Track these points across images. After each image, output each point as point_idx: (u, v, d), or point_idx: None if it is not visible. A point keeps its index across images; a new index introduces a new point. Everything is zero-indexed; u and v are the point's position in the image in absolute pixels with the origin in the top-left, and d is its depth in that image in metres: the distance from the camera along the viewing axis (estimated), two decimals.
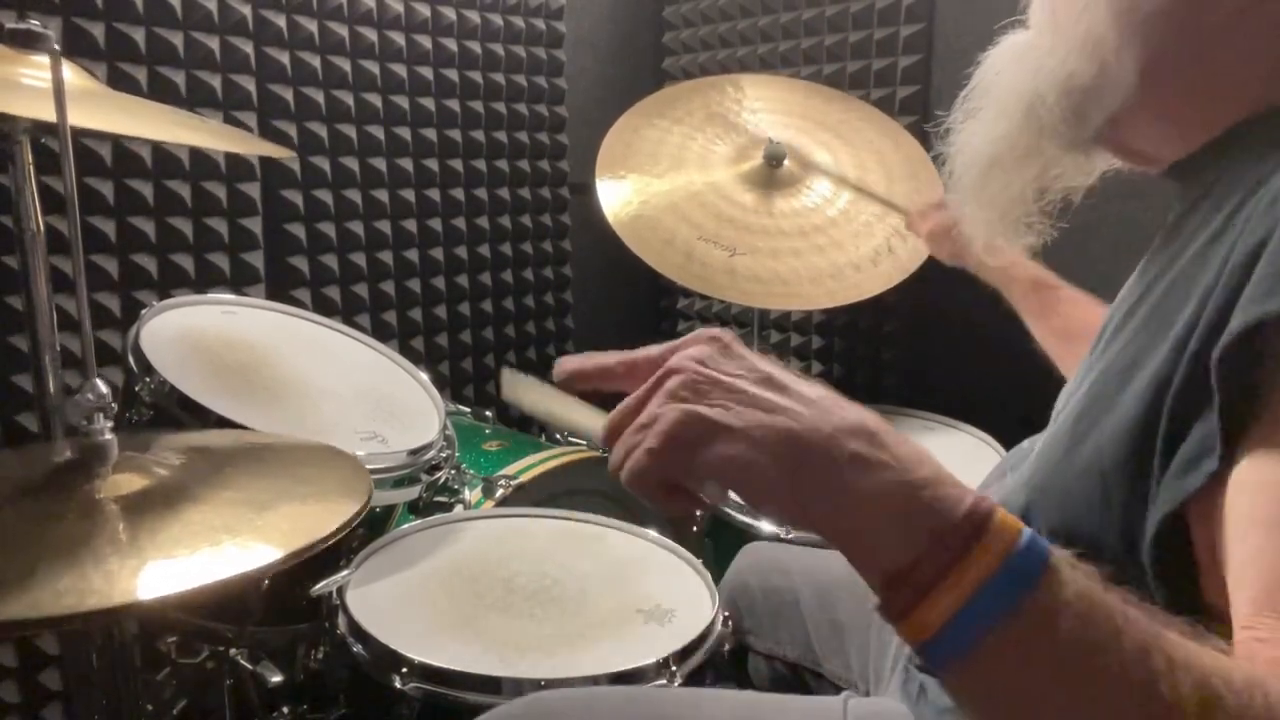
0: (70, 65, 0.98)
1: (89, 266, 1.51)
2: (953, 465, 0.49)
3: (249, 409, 1.18)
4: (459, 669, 0.95)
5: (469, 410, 1.81)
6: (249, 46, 1.66)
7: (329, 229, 1.84)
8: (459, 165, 2.04)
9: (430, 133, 1.98)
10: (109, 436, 0.88)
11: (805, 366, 2.17)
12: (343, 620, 1.06)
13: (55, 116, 0.84)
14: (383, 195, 1.92)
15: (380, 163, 1.91)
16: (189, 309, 1.38)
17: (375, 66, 1.86)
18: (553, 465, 1.47)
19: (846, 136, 1.83)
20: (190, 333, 1.31)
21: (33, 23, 1.03)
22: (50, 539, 0.78)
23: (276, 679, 1.20)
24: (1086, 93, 0.68)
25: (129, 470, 0.88)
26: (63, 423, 1.08)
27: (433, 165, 2.00)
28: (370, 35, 1.84)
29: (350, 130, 1.84)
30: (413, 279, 2.00)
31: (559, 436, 1.70)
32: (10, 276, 1.43)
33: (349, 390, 1.39)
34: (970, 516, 0.46)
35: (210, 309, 1.41)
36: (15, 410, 1.46)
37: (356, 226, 1.89)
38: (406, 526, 1.27)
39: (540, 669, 0.98)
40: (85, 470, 0.87)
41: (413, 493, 1.32)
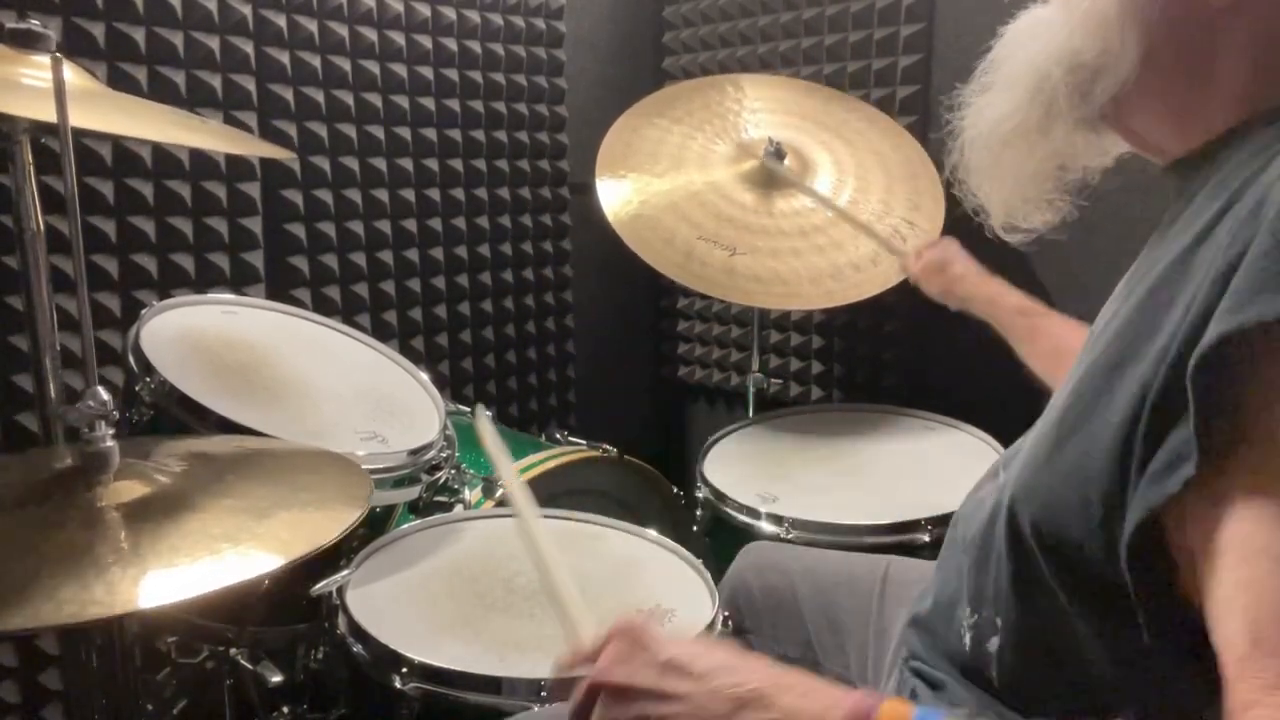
0: (70, 65, 0.98)
1: (89, 266, 1.51)
2: (953, 465, 0.50)
3: (249, 409, 1.18)
4: (459, 669, 0.95)
5: (469, 410, 1.81)
6: (249, 46, 1.66)
7: (329, 229, 1.84)
8: (459, 165, 2.04)
9: (430, 132, 1.98)
10: (110, 444, 0.88)
11: (805, 366, 2.17)
12: (343, 620, 1.06)
13: (55, 116, 0.84)
14: (383, 195, 1.92)
15: (380, 162, 1.90)
16: (189, 309, 1.38)
17: (375, 66, 1.86)
18: (553, 465, 1.47)
19: (846, 137, 1.84)
20: (190, 333, 1.31)
21: (33, 23, 1.03)
22: (52, 547, 0.78)
23: (276, 679, 1.20)
24: (1090, 70, 0.68)
25: (130, 477, 0.88)
26: (63, 427, 1.08)
27: (433, 165, 1.99)
28: (370, 35, 1.84)
29: (350, 130, 1.84)
30: (413, 279, 2.00)
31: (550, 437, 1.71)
32: (10, 276, 1.42)
33: (349, 390, 1.39)
34: None
35: (210, 309, 1.41)
36: (15, 411, 1.46)
37: (356, 226, 1.89)
38: (406, 526, 1.27)
39: (540, 669, 0.97)
40: (86, 477, 0.87)
41: (413, 493, 1.32)
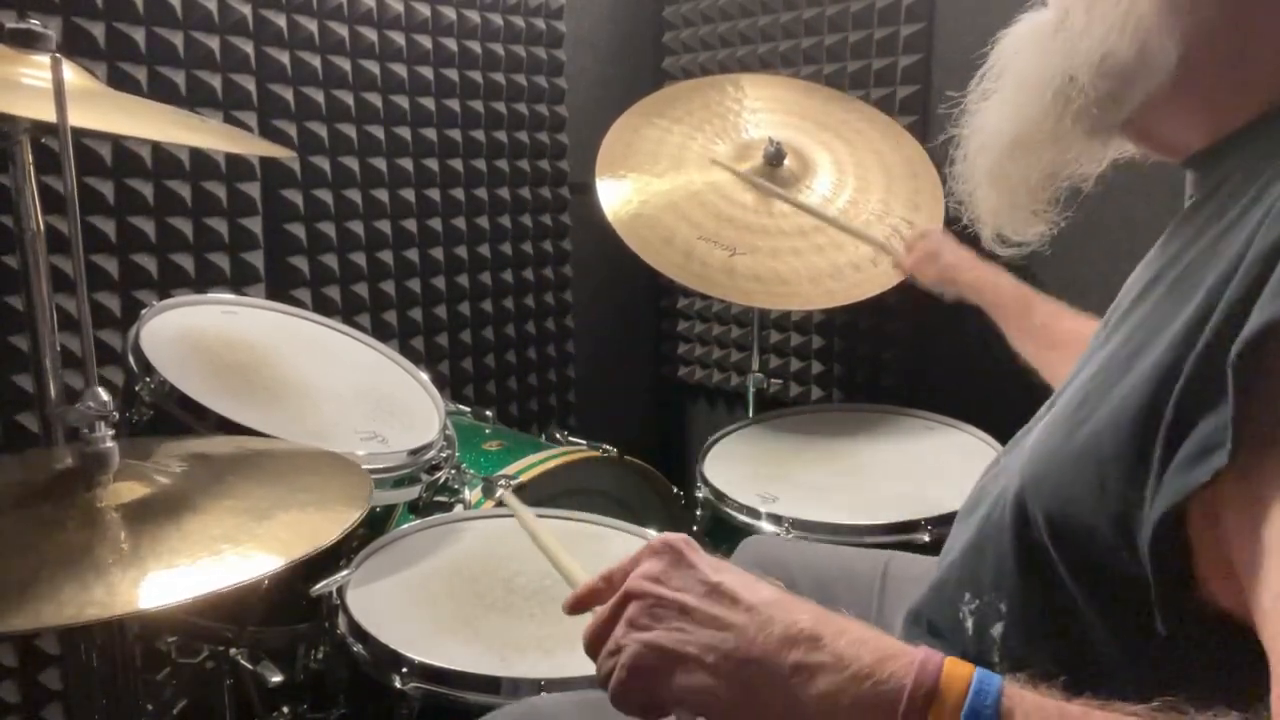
0: (70, 65, 0.98)
1: (89, 266, 1.51)
2: (953, 465, 0.50)
3: (249, 409, 1.18)
4: (459, 669, 0.95)
5: (469, 410, 1.81)
6: (249, 46, 1.66)
7: (329, 229, 1.84)
8: (459, 165, 2.04)
9: (430, 132, 1.98)
10: (110, 444, 0.88)
11: (805, 366, 2.17)
12: (343, 620, 1.06)
13: (55, 116, 0.84)
14: (383, 195, 1.92)
15: (380, 162, 1.90)
16: (189, 309, 1.38)
17: (375, 66, 1.86)
18: (553, 465, 1.47)
19: (846, 136, 1.84)
20: (190, 333, 1.31)
21: (33, 23, 1.03)
22: (52, 547, 0.78)
23: (276, 679, 1.20)
24: (1123, 75, 0.66)
25: (130, 478, 0.88)
26: (63, 428, 1.08)
27: (433, 165, 1.99)
28: (370, 35, 1.84)
29: (350, 130, 1.84)
30: (413, 279, 2.00)
31: (559, 436, 1.71)
32: (10, 276, 1.42)
33: (349, 390, 1.39)
34: (916, 691, 0.50)
35: (210, 309, 1.41)
36: (15, 411, 1.46)
37: (356, 226, 1.89)
38: (406, 526, 1.27)
39: (540, 669, 0.98)
40: (86, 478, 0.87)
41: (413, 493, 1.32)
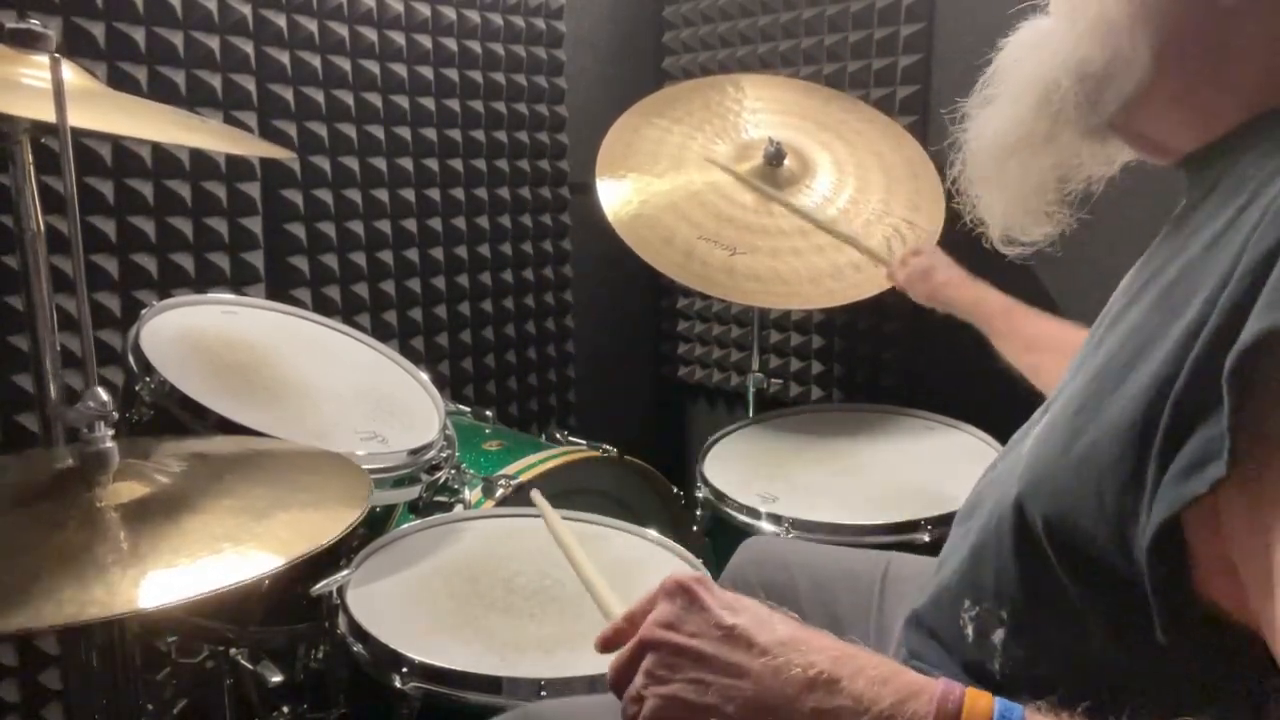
0: (70, 65, 0.98)
1: (89, 266, 1.51)
2: (953, 465, 0.50)
3: (249, 409, 1.18)
4: (459, 669, 0.95)
5: (469, 410, 1.81)
6: (249, 46, 1.66)
7: (329, 229, 1.84)
8: (459, 165, 2.04)
9: (430, 132, 1.98)
10: (110, 444, 0.88)
11: (805, 366, 2.17)
12: (343, 620, 1.06)
13: (55, 116, 0.84)
14: (383, 195, 1.92)
15: (380, 162, 1.90)
16: (189, 309, 1.38)
17: (375, 66, 1.86)
18: (553, 465, 1.47)
19: (846, 137, 1.84)
20: (190, 332, 1.31)
21: (33, 23, 1.03)
22: (51, 547, 0.78)
23: (276, 679, 1.20)
24: (1100, 79, 0.67)
25: (130, 478, 0.88)
26: (63, 428, 1.08)
27: (433, 165, 1.99)
28: (370, 35, 1.84)
29: (350, 130, 1.84)
30: (413, 279, 2.00)
31: (559, 437, 1.71)
32: (10, 276, 1.42)
33: (349, 390, 1.39)
34: None
35: (210, 309, 1.41)
36: (15, 411, 1.46)
37: (356, 226, 1.89)
38: (406, 526, 1.27)
39: (540, 669, 0.97)
40: (86, 478, 0.87)
41: (413, 493, 1.32)
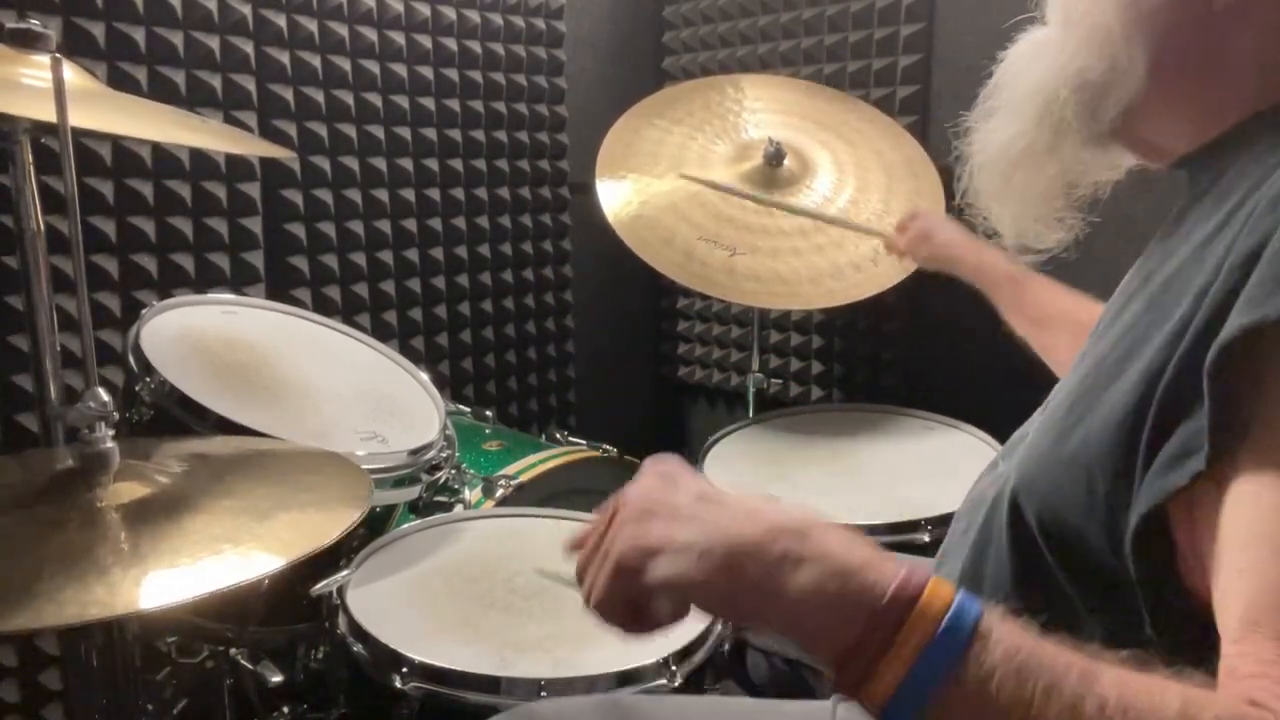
0: (70, 65, 0.98)
1: (89, 266, 1.51)
2: (953, 465, 0.50)
3: (249, 409, 1.18)
4: (459, 669, 0.95)
5: (469, 410, 1.81)
6: (249, 46, 1.66)
7: (329, 229, 1.84)
8: (459, 165, 2.04)
9: (430, 132, 1.98)
10: (110, 445, 0.88)
11: (805, 366, 2.17)
12: (343, 620, 1.06)
13: (55, 116, 0.84)
14: (383, 195, 1.92)
15: (380, 162, 1.90)
16: (189, 309, 1.38)
17: (375, 66, 1.86)
18: (553, 465, 1.47)
19: (846, 136, 1.83)
20: (190, 333, 1.31)
21: (33, 23, 1.03)
22: (52, 547, 0.78)
23: (276, 679, 1.20)
24: (1097, 88, 0.68)
25: (130, 478, 0.88)
26: (64, 428, 1.08)
27: (433, 165, 1.99)
28: (370, 35, 1.84)
29: (350, 130, 1.84)
30: (413, 279, 2.00)
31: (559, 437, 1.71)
32: (10, 276, 1.42)
33: (349, 390, 1.39)
34: (899, 595, 0.49)
35: (210, 309, 1.41)
36: (15, 411, 1.46)
37: (356, 226, 1.88)
38: (406, 526, 1.27)
39: (540, 668, 0.98)
40: (86, 478, 0.87)
41: (413, 493, 1.32)
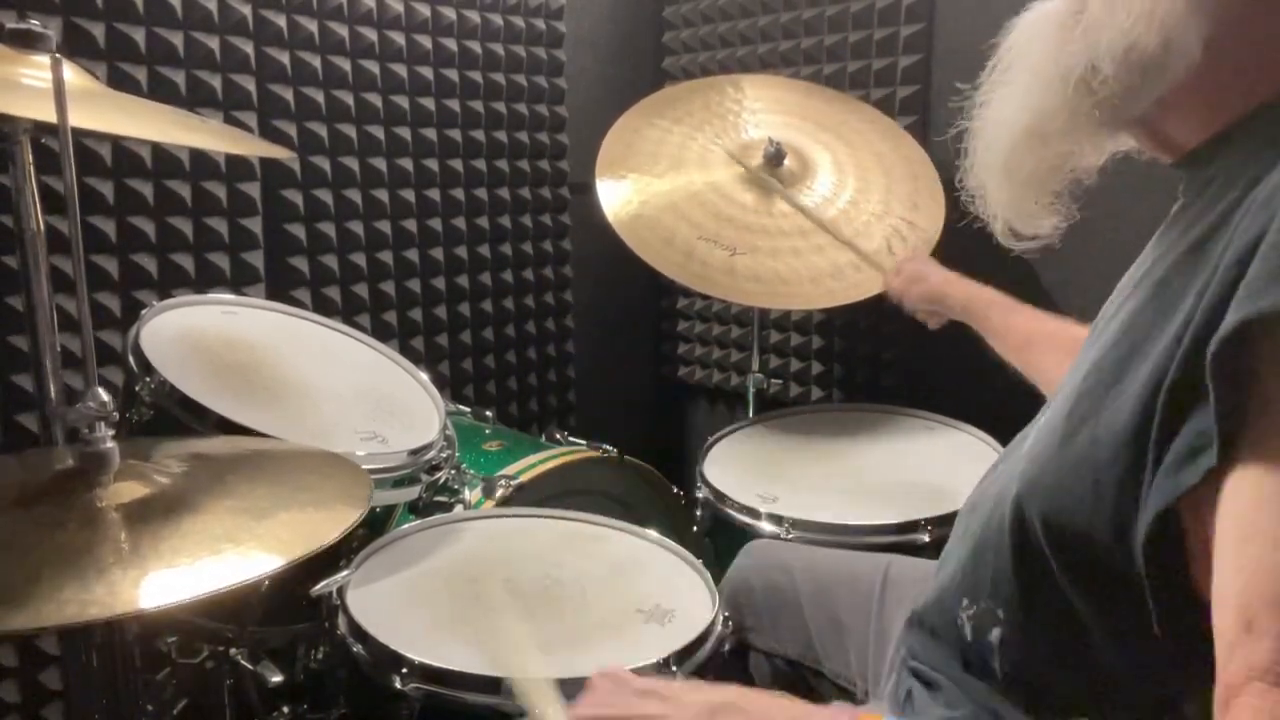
0: (70, 65, 0.98)
1: (89, 266, 1.51)
2: (953, 465, 0.50)
3: (249, 409, 1.18)
4: (459, 669, 0.95)
5: (469, 410, 1.81)
6: (249, 46, 1.66)
7: (329, 229, 1.84)
8: (459, 165, 2.04)
9: (430, 133, 1.98)
10: (110, 445, 0.88)
11: (805, 366, 2.17)
12: (343, 620, 1.05)
13: (55, 116, 0.84)
14: (383, 195, 1.92)
15: (380, 163, 1.90)
16: (189, 309, 1.38)
17: (375, 66, 1.86)
18: (553, 465, 1.47)
19: (846, 137, 1.83)
20: (190, 333, 1.31)
21: (33, 23, 1.03)
22: (52, 547, 0.78)
23: (276, 679, 1.20)
24: (1145, 67, 0.65)
25: (130, 478, 0.88)
26: (64, 428, 1.08)
27: (433, 165, 1.99)
28: (370, 35, 1.84)
29: (350, 130, 1.84)
30: (413, 279, 2.00)
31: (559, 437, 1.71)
32: (10, 276, 1.42)
33: (349, 390, 1.39)
34: None
35: (210, 309, 1.41)
36: (15, 411, 1.46)
37: (356, 226, 1.89)
38: (406, 526, 1.27)
39: (540, 668, 0.97)
40: (86, 478, 0.87)
41: (413, 493, 1.32)
